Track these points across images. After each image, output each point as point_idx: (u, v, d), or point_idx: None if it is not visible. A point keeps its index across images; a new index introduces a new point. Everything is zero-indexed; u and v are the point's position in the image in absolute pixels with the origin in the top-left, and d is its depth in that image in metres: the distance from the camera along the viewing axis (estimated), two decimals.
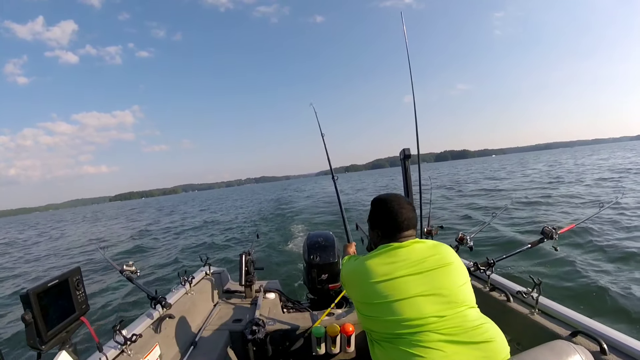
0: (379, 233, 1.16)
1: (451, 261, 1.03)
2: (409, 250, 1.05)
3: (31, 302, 0.94)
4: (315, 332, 1.78)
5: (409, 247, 1.06)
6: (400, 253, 1.05)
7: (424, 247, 1.06)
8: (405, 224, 1.11)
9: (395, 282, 0.98)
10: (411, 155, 2.30)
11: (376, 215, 1.19)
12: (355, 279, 1.08)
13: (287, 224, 12.02)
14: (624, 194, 9.12)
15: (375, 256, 1.08)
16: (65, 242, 15.39)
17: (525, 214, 8.38)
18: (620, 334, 1.24)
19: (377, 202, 1.21)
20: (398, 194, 1.22)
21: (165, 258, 8.32)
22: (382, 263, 1.04)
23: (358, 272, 1.07)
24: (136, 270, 1.90)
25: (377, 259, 1.06)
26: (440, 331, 0.89)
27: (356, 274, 1.09)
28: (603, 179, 14.26)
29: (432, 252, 1.04)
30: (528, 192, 12.58)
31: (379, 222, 1.16)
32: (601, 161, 27.38)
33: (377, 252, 1.09)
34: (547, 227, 1.84)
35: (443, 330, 0.89)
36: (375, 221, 1.19)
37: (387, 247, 1.08)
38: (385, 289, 0.98)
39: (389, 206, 1.14)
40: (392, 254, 1.05)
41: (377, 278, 1.01)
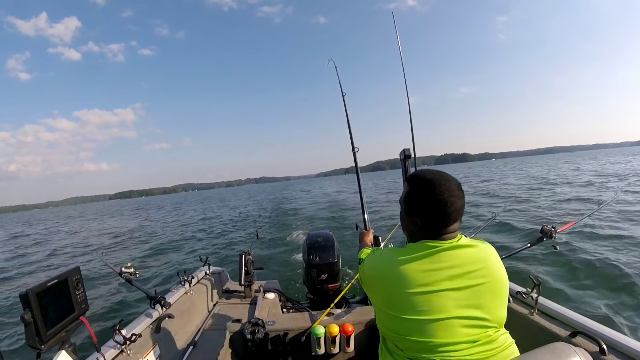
0: (417, 222, 0.92)
1: (500, 276, 0.87)
2: (455, 256, 0.86)
3: (30, 302, 0.94)
4: (315, 332, 1.77)
5: (455, 250, 0.86)
6: (444, 258, 0.85)
7: (473, 254, 0.87)
8: (453, 216, 0.88)
9: (434, 296, 0.81)
10: (411, 156, 2.30)
11: (418, 199, 0.92)
12: (384, 284, 0.89)
13: (286, 223, 12.03)
14: (623, 192, 9.13)
15: (413, 258, 0.87)
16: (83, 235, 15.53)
17: (525, 214, 8.38)
18: (619, 334, 1.24)
19: (420, 183, 0.93)
20: (444, 172, 0.94)
21: (165, 258, 8.32)
22: (421, 269, 0.84)
23: (389, 276, 0.88)
24: (135, 271, 1.90)
25: (415, 263, 0.85)
26: (470, 357, 0.78)
27: (386, 278, 0.89)
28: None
29: (481, 262, 0.86)
30: (528, 192, 12.59)
31: (421, 210, 0.91)
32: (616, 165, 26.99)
33: (416, 251, 0.88)
34: (546, 226, 1.84)
35: (473, 356, 0.79)
36: (415, 206, 0.93)
37: (429, 248, 0.87)
38: (421, 303, 0.81)
39: (437, 192, 0.87)
40: (435, 259, 0.85)
41: (413, 288, 0.82)
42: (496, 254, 0.93)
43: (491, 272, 0.86)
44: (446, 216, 0.87)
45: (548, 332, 1.40)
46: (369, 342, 1.80)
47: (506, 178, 22.71)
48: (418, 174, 0.96)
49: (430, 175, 0.92)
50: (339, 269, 2.46)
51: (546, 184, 15.78)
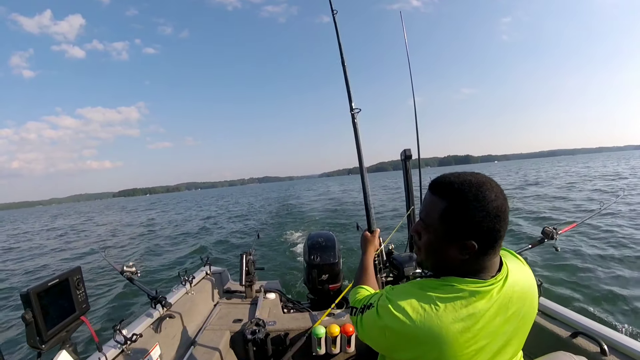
0: (473, 246, 0.64)
1: (535, 308, 0.74)
2: (507, 302, 0.66)
3: (31, 302, 0.94)
4: (316, 332, 1.77)
5: (506, 294, 0.67)
6: (490, 308, 0.64)
7: (518, 293, 0.68)
8: (505, 226, 0.66)
9: (476, 354, 0.64)
10: (412, 156, 2.30)
11: (471, 216, 0.64)
12: (417, 351, 0.65)
13: (287, 223, 12.03)
14: (625, 194, 9.11)
15: (459, 314, 0.63)
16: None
17: (526, 214, 8.37)
18: (620, 335, 1.23)
19: (468, 191, 0.65)
20: (479, 173, 0.69)
21: (166, 257, 8.32)
22: (473, 331, 0.63)
23: (433, 344, 0.63)
24: (136, 271, 1.90)
25: (467, 331, 0.62)
26: None
27: (420, 344, 0.64)
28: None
29: (524, 300, 0.69)
30: (528, 192, 12.57)
31: (479, 228, 0.64)
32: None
33: (464, 304, 0.64)
34: (547, 228, 1.84)
35: None
36: (467, 225, 0.64)
37: (480, 297, 0.65)
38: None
39: (490, 200, 0.63)
40: (481, 313, 0.64)
41: (459, 352, 0.62)
42: (533, 279, 0.76)
43: (532, 307, 0.72)
44: (497, 240, 0.65)
45: (549, 333, 1.40)
46: None
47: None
48: (455, 180, 0.67)
49: (472, 179, 0.66)
50: (340, 269, 2.46)
51: (527, 185, 15.79)
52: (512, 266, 0.72)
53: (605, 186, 13.45)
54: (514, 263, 0.75)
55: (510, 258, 0.76)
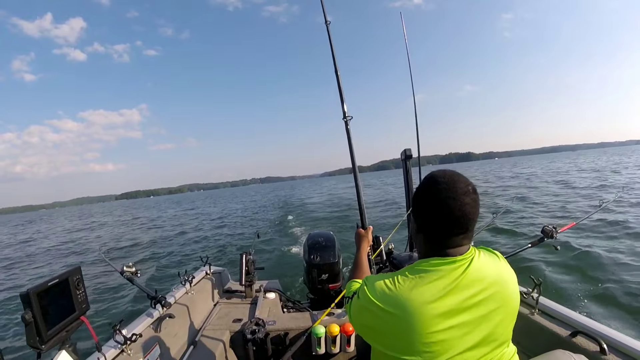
0: (418, 229, 0.81)
1: (513, 294, 0.77)
2: (473, 280, 0.72)
3: (31, 302, 0.94)
4: (315, 332, 1.78)
5: (473, 273, 0.73)
6: (460, 285, 0.71)
7: (489, 276, 0.74)
8: (461, 223, 0.72)
9: (450, 333, 0.69)
10: (412, 156, 2.30)
11: (421, 204, 0.77)
12: (391, 326, 0.72)
13: (287, 223, 12.03)
14: (624, 192, 9.12)
15: (425, 289, 0.71)
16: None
17: (526, 214, 8.37)
18: (620, 334, 1.24)
19: (424, 184, 0.78)
20: (455, 172, 0.79)
21: (166, 258, 8.32)
22: (436, 306, 0.69)
23: (399, 318, 0.70)
24: (136, 271, 1.90)
25: (428, 301, 0.69)
26: None
27: (394, 319, 0.71)
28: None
29: (497, 284, 0.74)
30: (528, 193, 12.57)
31: (424, 217, 0.77)
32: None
33: (428, 279, 0.72)
34: (547, 227, 1.84)
35: None
36: (418, 213, 0.78)
37: (441, 277, 0.72)
38: (435, 344, 0.68)
39: (438, 191, 0.73)
40: (454, 287, 0.71)
41: (428, 329, 0.68)
42: (510, 269, 0.82)
43: (507, 294, 0.76)
44: (455, 223, 0.72)
45: (549, 332, 1.40)
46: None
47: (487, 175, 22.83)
48: (430, 173, 0.80)
49: (437, 175, 0.77)
50: (340, 269, 2.46)
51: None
52: (482, 256, 0.78)
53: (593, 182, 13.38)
54: (487, 255, 0.80)
55: (485, 252, 0.82)
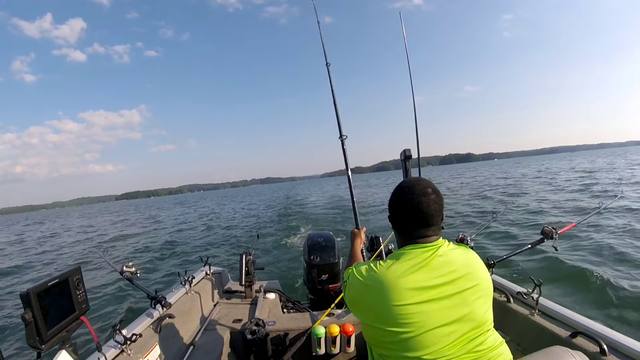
0: (396, 231, 0.98)
1: (483, 278, 0.88)
2: (441, 262, 0.86)
3: (31, 302, 0.94)
4: (315, 332, 1.78)
5: (440, 257, 0.86)
6: (430, 266, 0.85)
7: (458, 259, 0.88)
8: (423, 218, 0.89)
9: (423, 307, 0.80)
10: (412, 156, 2.30)
11: (391, 205, 0.97)
12: (372, 300, 0.86)
13: (287, 223, 12.03)
14: (624, 194, 9.13)
15: (400, 270, 0.85)
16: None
17: (526, 214, 8.37)
18: (619, 335, 1.24)
19: (394, 190, 0.98)
20: (422, 178, 0.99)
21: (166, 257, 8.32)
22: (407, 280, 0.83)
23: (376, 291, 0.85)
24: (136, 271, 1.90)
25: (406, 279, 0.83)
26: (458, 358, 0.79)
27: (373, 294, 0.86)
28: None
29: (465, 266, 0.87)
30: (528, 193, 12.58)
31: (394, 216, 0.96)
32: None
33: (401, 261, 0.87)
34: (547, 227, 1.84)
35: (460, 358, 0.79)
36: (390, 215, 0.98)
37: (412, 258, 0.87)
38: (410, 315, 0.80)
39: (404, 194, 0.93)
40: (420, 268, 0.84)
41: (401, 301, 0.81)
42: (479, 258, 0.94)
43: (477, 276, 0.87)
44: (415, 217, 0.90)
45: (549, 333, 1.40)
46: None
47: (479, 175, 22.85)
48: (399, 183, 1.00)
49: (404, 181, 0.99)
50: (340, 269, 2.46)
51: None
52: (451, 245, 0.92)
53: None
54: (456, 245, 0.94)
55: (455, 243, 0.95)
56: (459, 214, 9.89)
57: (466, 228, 7.54)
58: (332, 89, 2.07)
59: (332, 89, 2.07)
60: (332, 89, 2.07)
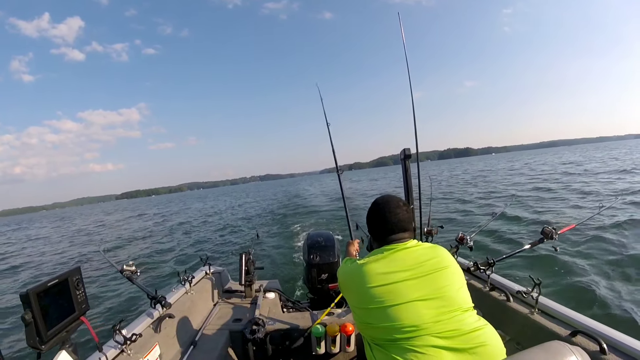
0: (372, 238, 1.20)
1: (448, 264, 1.02)
2: (406, 254, 1.04)
3: (31, 302, 0.94)
4: (315, 331, 1.78)
5: (405, 250, 1.05)
6: (397, 257, 1.04)
7: (420, 250, 1.05)
8: (397, 226, 1.10)
9: (392, 286, 0.97)
10: (411, 155, 2.29)
11: (368, 218, 1.20)
12: (352, 284, 1.07)
13: (287, 223, 12.03)
14: (624, 195, 9.14)
15: (372, 260, 1.06)
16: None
17: (526, 214, 8.37)
18: (619, 334, 1.24)
19: (371, 206, 1.21)
20: (393, 195, 1.21)
21: (166, 257, 8.32)
22: (379, 268, 1.02)
23: (354, 276, 1.06)
24: (136, 270, 1.90)
25: (374, 264, 1.04)
26: (436, 335, 0.87)
27: (352, 278, 1.07)
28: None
29: (429, 256, 1.03)
30: (529, 192, 12.59)
31: (370, 226, 1.18)
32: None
33: (374, 256, 1.07)
34: (547, 227, 1.84)
35: (439, 335, 0.87)
36: (371, 226, 1.19)
37: (384, 251, 1.07)
38: (382, 294, 0.97)
39: (379, 209, 1.15)
40: (390, 258, 1.04)
41: (374, 283, 0.99)
42: (444, 250, 1.08)
43: (442, 261, 1.02)
44: (389, 227, 1.10)
45: (548, 332, 1.40)
46: None
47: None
48: (374, 200, 1.22)
49: (378, 199, 1.20)
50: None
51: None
52: (420, 243, 1.09)
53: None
54: (426, 243, 1.11)
55: (424, 243, 1.11)
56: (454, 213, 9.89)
57: (466, 228, 7.55)
58: (333, 152, 2.67)
59: (333, 151, 2.67)
60: (333, 152, 2.67)
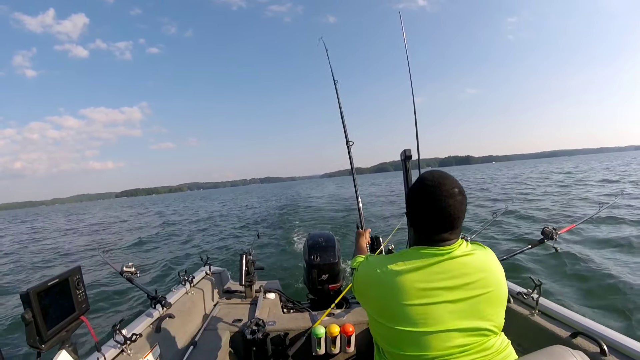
0: (412, 229, 0.91)
1: (500, 284, 0.84)
2: (452, 266, 0.81)
3: (31, 302, 0.94)
4: (315, 332, 1.77)
5: (454, 260, 0.81)
6: (442, 268, 0.80)
7: (472, 264, 0.82)
8: (449, 221, 0.82)
9: (431, 308, 0.78)
10: (412, 156, 2.29)
11: (413, 203, 0.87)
12: (378, 292, 0.85)
13: (288, 223, 12.02)
14: (623, 195, 9.13)
15: (408, 268, 0.81)
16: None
17: (526, 215, 8.37)
18: (620, 335, 1.23)
19: (416, 185, 0.89)
20: (445, 173, 0.87)
21: (166, 257, 8.32)
22: (419, 280, 0.80)
23: (384, 285, 0.83)
24: (136, 271, 1.90)
25: (412, 275, 0.80)
26: None
27: (380, 287, 0.84)
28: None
29: (480, 272, 0.81)
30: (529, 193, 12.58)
31: (416, 215, 0.87)
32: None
33: (412, 260, 0.83)
34: (547, 228, 1.84)
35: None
36: (411, 211, 0.89)
37: (426, 257, 0.82)
38: (417, 316, 0.78)
39: (429, 193, 0.83)
40: (431, 270, 0.81)
41: (410, 300, 0.78)
42: (496, 260, 0.88)
43: (490, 282, 0.82)
44: (440, 221, 0.82)
45: (549, 333, 1.40)
46: (369, 343, 1.80)
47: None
48: (419, 177, 0.89)
49: (427, 177, 0.86)
50: (340, 269, 2.46)
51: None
52: (469, 246, 0.86)
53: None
54: (474, 247, 0.88)
55: (474, 244, 0.90)
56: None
57: (465, 230, 7.54)
58: (340, 110, 2.32)
59: (340, 110, 2.32)
60: (340, 110, 2.32)
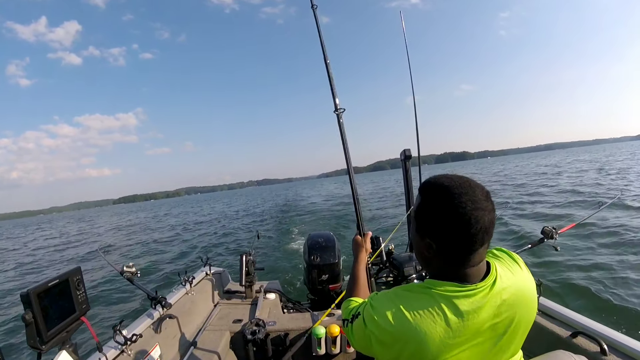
0: (432, 246, 0.68)
1: (533, 311, 0.72)
2: (489, 304, 0.65)
3: (32, 302, 0.94)
4: (316, 332, 1.78)
5: (490, 302, 0.65)
6: (475, 314, 0.64)
7: (510, 295, 0.67)
8: (479, 237, 0.63)
9: (461, 355, 0.65)
10: (411, 156, 2.30)
11: (432, 214, 0.67)
12: (404, 355, 0.66)
13: (288, 224, 12.03)
14: (623, 193, 9.14)
15: (436, 312, 0.64)
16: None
17: (525, 214, 8.36)
18: (620, 334, 1.23)
19: (435, 192, 0.67)
20: (466, 177, 0.68)
21: (166, 258, 8.32)
22: (449, 334, 0.63)
23: (412, 343, 0.64)
24: (136, 271, 1.90)
25: (441, 328, 0.63)
26: None
27: (408, 347, 0.65)
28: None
29: (517, 306, 0.68)
30: (528, 192, 12.57)
31: (436, 230, 0.66)
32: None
33: (440, 302, 0.65)
34: (547, 227, 1.84)
35: None
36: (428, 224, 0.68)
37: (452, 299, 0.65)
38: None
39: (457, 203, 0.63)
40: (467, 324, 0.64)
41: (440, 357, 0.64)
42: (531, 281, 0.74)
43: (525, 311, 0.70)
44: (470, 238, 0.63)
45: (549, 333, 1.40)
46: None
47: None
48: (433, 180, 0.70)
49: (447, 182, 0.66)
50: (340, 269, 2.46)
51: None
52: (502, 272, 0.70)
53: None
54: (506, 268, 0.73)
55: (503, 262, 0.75)
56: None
57: None
58: (321, 42, 1.50)
59: (321, 41, 1.50)
60: (321, 42, 1.50)
